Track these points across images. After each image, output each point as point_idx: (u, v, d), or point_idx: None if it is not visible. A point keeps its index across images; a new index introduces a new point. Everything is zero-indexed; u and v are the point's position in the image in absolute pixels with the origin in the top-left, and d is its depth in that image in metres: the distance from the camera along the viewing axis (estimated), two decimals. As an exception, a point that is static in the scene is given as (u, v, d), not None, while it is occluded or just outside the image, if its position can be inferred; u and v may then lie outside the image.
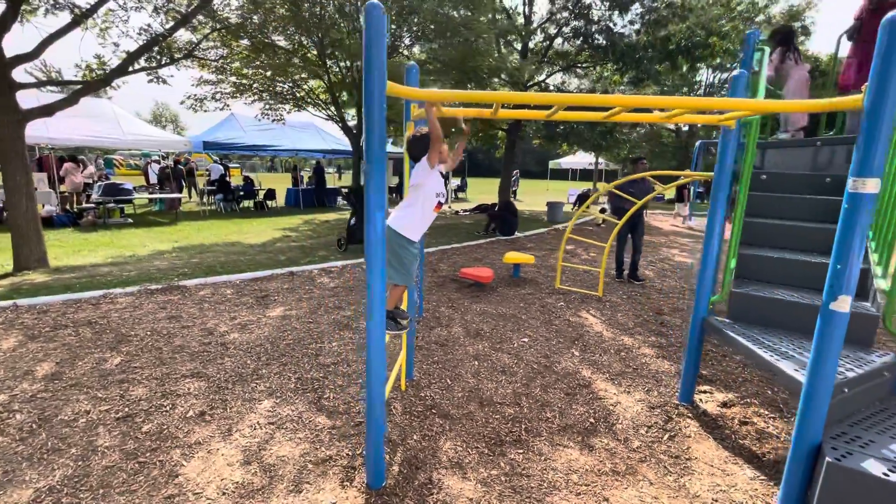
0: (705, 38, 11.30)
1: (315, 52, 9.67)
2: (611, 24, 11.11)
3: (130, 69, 6.46)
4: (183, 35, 7.93)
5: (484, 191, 24.14)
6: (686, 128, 23.55)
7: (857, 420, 2.20)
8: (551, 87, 13.18)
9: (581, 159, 26.66)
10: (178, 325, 4.21)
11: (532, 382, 3.39)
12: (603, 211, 13.65)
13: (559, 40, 12.55)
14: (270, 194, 15.54)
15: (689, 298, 5.67)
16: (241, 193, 14.96)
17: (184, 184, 16.78)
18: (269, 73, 9.57)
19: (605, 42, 11.05)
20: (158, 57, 7.08)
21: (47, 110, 5.99)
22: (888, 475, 1.78)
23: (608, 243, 5.51)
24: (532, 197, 22.98)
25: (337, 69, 10.02)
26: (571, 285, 6.06)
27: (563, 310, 5.06)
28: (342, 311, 4.74)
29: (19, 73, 5.89)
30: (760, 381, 3.47)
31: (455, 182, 22.10)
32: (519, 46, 12.57)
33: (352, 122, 11.49)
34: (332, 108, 10.63)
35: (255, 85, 9.86)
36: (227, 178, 15.38)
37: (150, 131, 13.30)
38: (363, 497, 2.16)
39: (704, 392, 3.27)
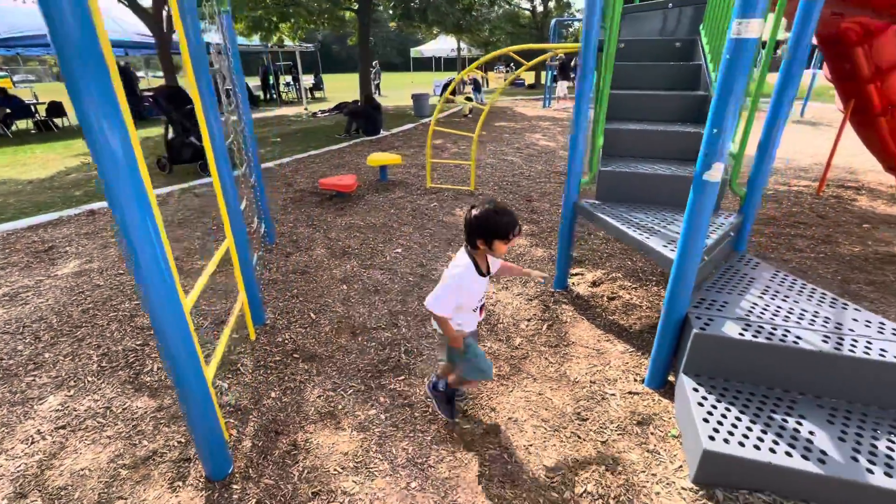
0: None
1: None
2: None
3: None
4: None
5: (343, 88, 21.69)
6: (541, 8, 23.30)
7: (712, 283, 2.28)
8: None
9: (444, 45, 25.20)
10: None
11: (408, 297, 3.07)
12: (469, 99, 13.15)
13: None
14: (56, 109, 11.79)
15: (557, 182, 5.77)
16: (8, 112, 11.07)
17: None
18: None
19: None
20: None
21: None
22: (743, 335, 1.84)
23: (476, 133, 5.14)
24: (397, 92, 21.34)
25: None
26: (443, 183, 5.71)
27: (437, 211, 4.73)
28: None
29: None
30: (622, 255, 3.64)
31: (309, 79, 19.32)
32: None
33: (146, 2, 8.66)
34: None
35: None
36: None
37: None
38: (203, 495, 1.68)
39: (576, 274, 3.31)
